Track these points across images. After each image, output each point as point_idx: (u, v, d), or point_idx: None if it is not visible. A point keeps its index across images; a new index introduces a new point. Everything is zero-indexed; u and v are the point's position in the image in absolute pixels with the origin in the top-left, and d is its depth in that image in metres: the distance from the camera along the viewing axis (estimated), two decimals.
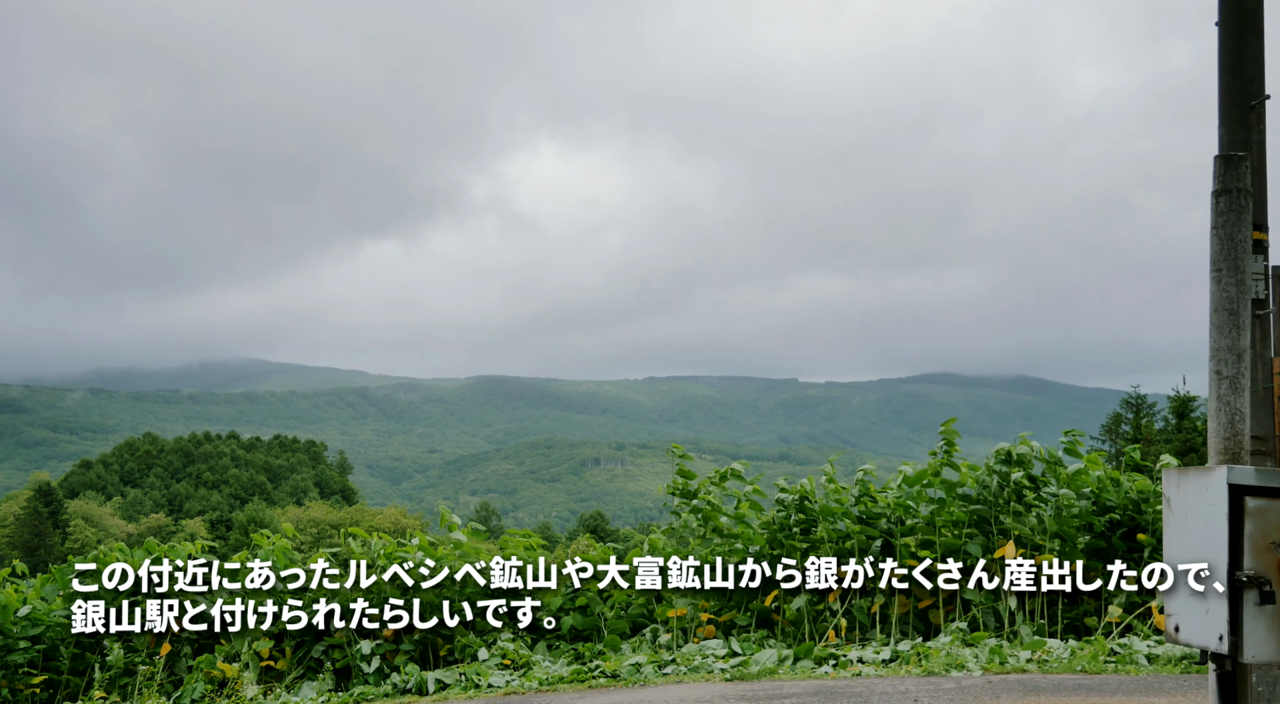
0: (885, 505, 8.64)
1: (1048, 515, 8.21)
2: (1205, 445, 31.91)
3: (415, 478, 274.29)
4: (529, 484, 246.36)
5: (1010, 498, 8.37)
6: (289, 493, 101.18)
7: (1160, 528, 8.44)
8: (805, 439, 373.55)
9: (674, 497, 9.03)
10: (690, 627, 8.69)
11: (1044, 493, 8.40)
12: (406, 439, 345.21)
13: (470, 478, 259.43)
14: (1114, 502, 8.49)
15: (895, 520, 8.57)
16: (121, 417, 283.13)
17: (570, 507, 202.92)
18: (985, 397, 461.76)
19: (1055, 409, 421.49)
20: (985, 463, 8.54)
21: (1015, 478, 8.34)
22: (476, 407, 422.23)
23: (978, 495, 8.47)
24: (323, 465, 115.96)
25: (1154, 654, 7.35)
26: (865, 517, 8.61)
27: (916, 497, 8.60)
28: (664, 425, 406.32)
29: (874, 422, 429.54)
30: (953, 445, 8.70)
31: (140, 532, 75.56)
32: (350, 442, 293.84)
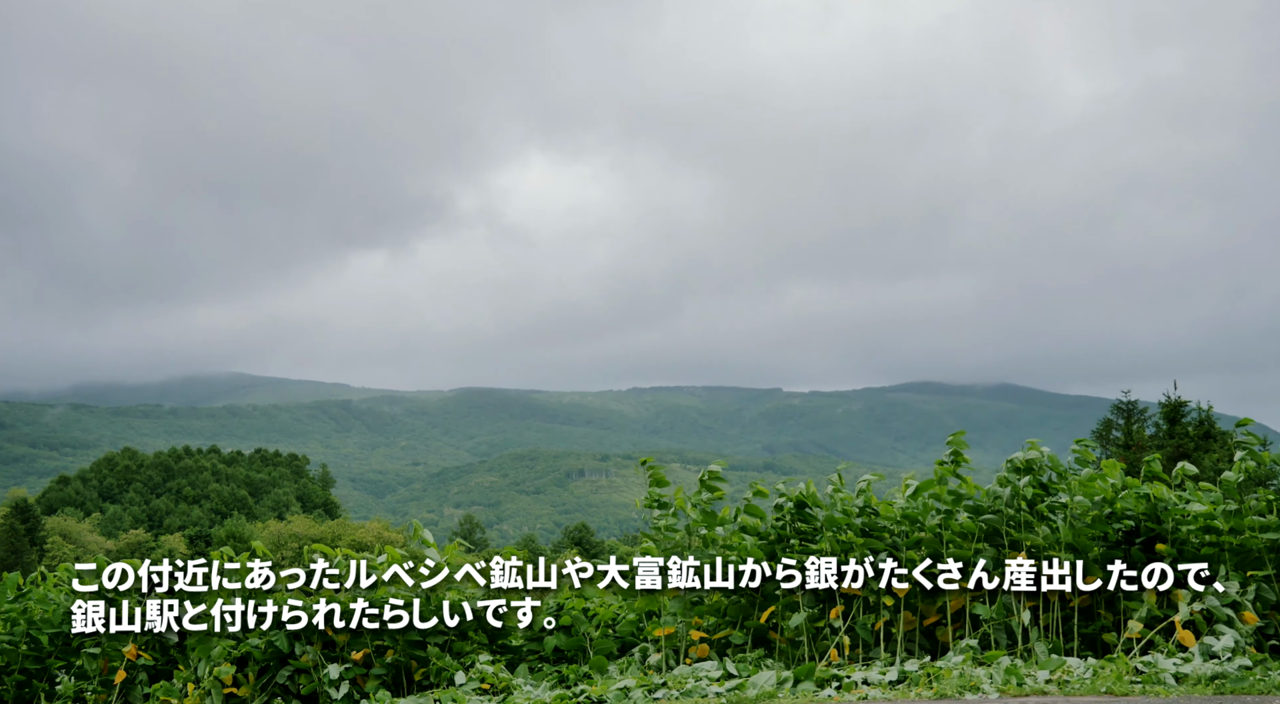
0: (890, 518, 8.09)
1: (1062, 525, 7.68)
2: (1198, 450, 31.54)
3: (399, 491, 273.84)
4: (513, 496, 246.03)
5: (1021, 507, 7.84)
6: (270, 507, 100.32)
7: (1184, 538, 7.96)
8: (790, 448, 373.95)
9: (652, 509, 8.45)
10: (682, 646, 8.13)
11: (1054, 502, 7.87)
12: (390, 452, 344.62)
13: (454, 490, 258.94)
14: (1131, 510, 7.96)
15: (900, 533, 8.03)
16: (102, 432, 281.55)
17: (555, 518, 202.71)
18: (968, 405, 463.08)
19: (1038, 417, 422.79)
20: (998, 475, 8.02)
21: (1024, 485, 7.79)
22: (460, 419, 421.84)
23: (988, 506, 7.93)
24: (305, 479, 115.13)
25: (1181, 673, 6.81)
26: (869, 528, 8.06)
27: (923, 508, 8.06)
28: (648, 436, 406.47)
29: (858, 430, 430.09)
30: (960, 456, 8.17)
31: (119, 548, 74.76)
32: (333, 455, 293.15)
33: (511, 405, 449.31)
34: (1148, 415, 32.41)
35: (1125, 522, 8.02)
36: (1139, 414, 32.54)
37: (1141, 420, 32.33)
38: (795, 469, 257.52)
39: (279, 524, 76.40)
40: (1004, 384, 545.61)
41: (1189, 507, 7.94)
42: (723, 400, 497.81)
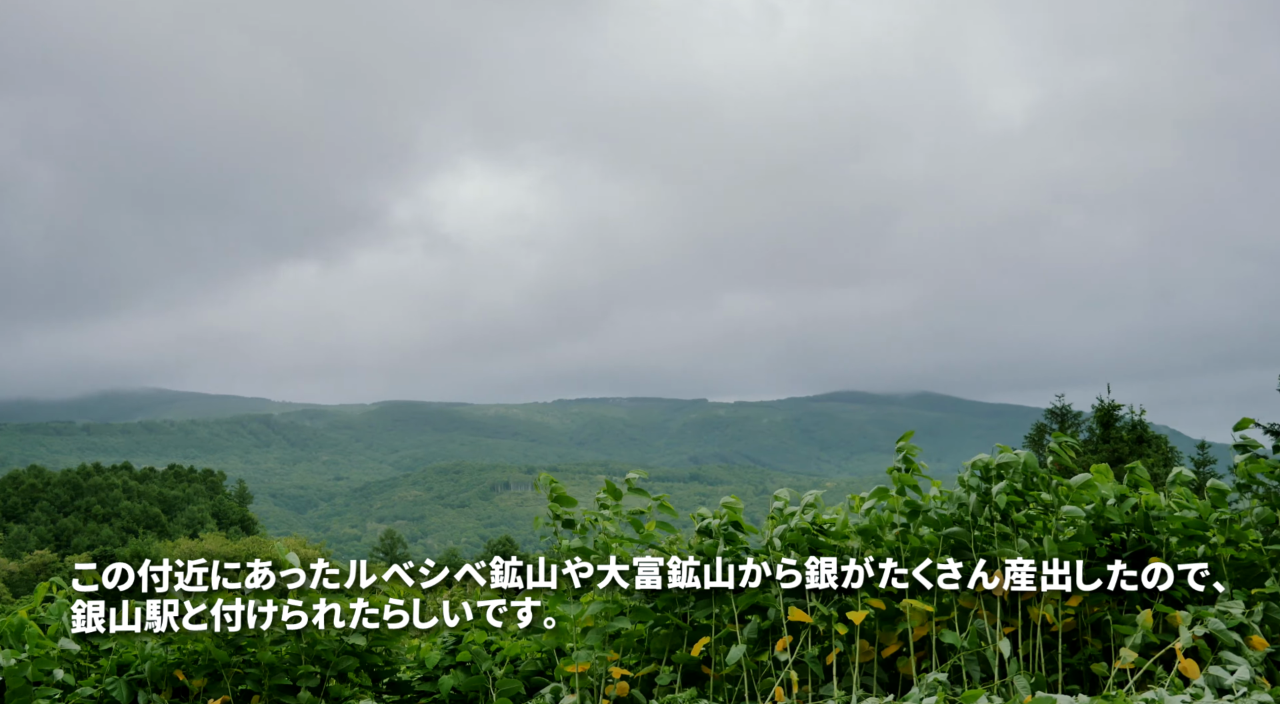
0: (841, 535, 6.91)
1: (1047, 539, 6.52)
2: (1132, 455, 30.90)
3: (321, 506, 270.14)
4: (438, 510, 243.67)
5: (994, 517, 6.70)
6: (184, 524, 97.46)
7: (1176, 551, 6.88)
8: (715, 459, 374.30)
9: (551, 528, 7.13)
10: (598, 685, 6.89)
11: (1031, 512, 6.75)
12: (312, 467, 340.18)
13: (377, 505, 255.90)
14: (1117, 521, 6.84)
15: (853, 551, 6.86)
16: (10, 450, 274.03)
17: (480, 532, 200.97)
18: (891, 414, 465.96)
19: (960, 425, 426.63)
20: (959, 478, 6.85)
21: (997, 492, 6.62)
22: (384, 432, 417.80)
23: (953, 516, 6.78)
24: (221, 495, 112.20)
25: None
26: (817, 548, 6.87)
27: (880, 521, 6.90)
28: (574, 448, 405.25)
29: (783, 441, 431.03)
30: (912, 463, 6.98)
31: (24, 569, 72.04)
32: (253, 471, 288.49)
33: (436, 418, 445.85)
34: (1082, 420, 31.73)
35: (1115, 534, 6.91)
36: (1073, 418, 31.85)
37: (1076, 425, 31.65)
38: (721, 479, 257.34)
39: (190, 542, 73.95)
40: (924, 393, 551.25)
41: (1184, 514, 6.88)
42: (649, 411, 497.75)
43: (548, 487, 7.05)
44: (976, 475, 6.85)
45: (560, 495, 7.07)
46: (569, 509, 7.08)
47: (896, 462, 7.03)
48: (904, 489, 6.88)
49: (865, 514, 7.02)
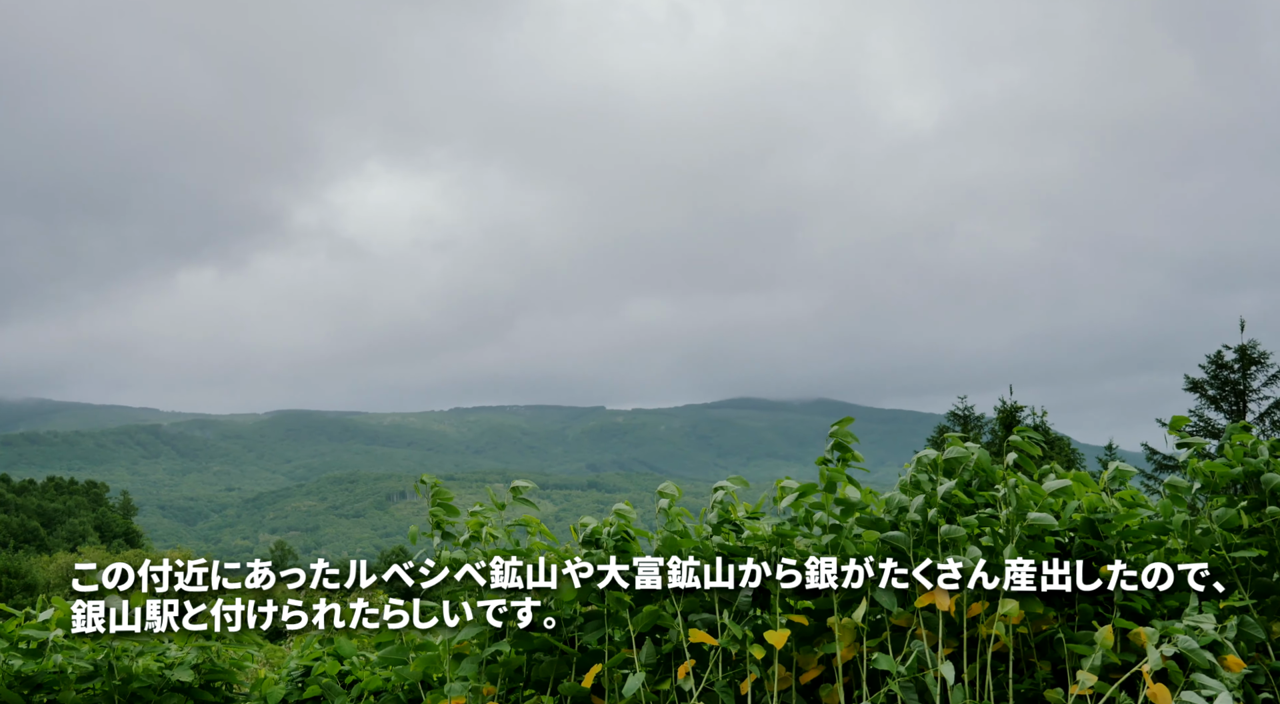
0: (758, 538, 5.91)
1: (1010, 547, 5.56)
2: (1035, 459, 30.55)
3: (212, 517, 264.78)
4: (332, 520, 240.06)
5: (937, 522, 5.77)
6: (65, 538, 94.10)
7: (1130, 556, 6.02)
8: (613, 466, 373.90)
9: (431, 539, 6.08)
10: None
11: (982, 514, 5.82)
12: (202, 477, 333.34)
13: (270, 516, 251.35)
14: (1057, 525, 5.90)
15: (772, 556, 5.88)
16: None
17: (375, 542, 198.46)
18: (787, 420, 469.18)
19: (855, 431, 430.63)
20: (900, 479, 5.90)
21: (945, 491, 5.67)
22: (277, 442, 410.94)
23: (890, 519, 5.82)
24: (104, 508, 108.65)
25: None
26: (727, 553, 5.87)
27: (806, 520, 5.93)
28: (471, 456, 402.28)
29: (680, 448, 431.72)
30: (848, 453, 5.99)
31: None
32: (141, 482, 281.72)
33: (330, 428, 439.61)
34: (984, 422, 31.30)
35: (1049, 538, 5.97)
36: (975, 421, 31.40)
37: (979, 427, 31.20)
38: (619, 487, 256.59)
39: (69, 556, 71.13)
40: (820, 399, 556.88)
41: (1138, 514, 5.99)
42: (546, 419, 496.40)
43: (431, 490, 6.00)
44: (923, 474, 5.90)
45: (444, 503, 6.02)
46: (451, 519, 6.02)
47: (826, 452, 6.04)
48: (832, 484, 5.89)
49: (791, 509, 6.02)
